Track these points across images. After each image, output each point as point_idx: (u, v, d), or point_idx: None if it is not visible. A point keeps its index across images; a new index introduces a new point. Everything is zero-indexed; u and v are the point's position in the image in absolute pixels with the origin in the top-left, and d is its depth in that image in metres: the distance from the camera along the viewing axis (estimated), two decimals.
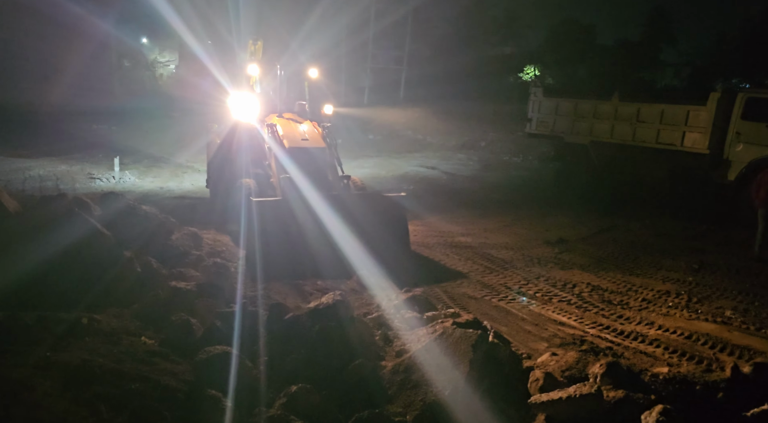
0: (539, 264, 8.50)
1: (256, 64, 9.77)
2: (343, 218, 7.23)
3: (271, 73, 9.95)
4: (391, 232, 7.63)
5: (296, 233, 7.08)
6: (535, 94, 15.16)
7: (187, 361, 3.96)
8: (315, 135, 8.96)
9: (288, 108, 9.86)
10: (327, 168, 8.63)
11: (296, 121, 9.39)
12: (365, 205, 7.64)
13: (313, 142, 8.76)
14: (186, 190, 13.10)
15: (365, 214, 7.39)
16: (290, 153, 8.35)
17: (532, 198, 14.08)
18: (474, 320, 4.61)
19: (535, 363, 4.30)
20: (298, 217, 7.20)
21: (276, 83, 9.92)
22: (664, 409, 3.20)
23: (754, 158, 11.35)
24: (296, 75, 10.29)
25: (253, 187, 8.47)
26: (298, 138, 8.74)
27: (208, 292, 5.62)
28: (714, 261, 8.93)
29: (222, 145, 10.16)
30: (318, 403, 3.30)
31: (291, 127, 9.05)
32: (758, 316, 6.76)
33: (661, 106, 12.66)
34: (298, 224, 7.15)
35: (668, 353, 5.65)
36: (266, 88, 10.14)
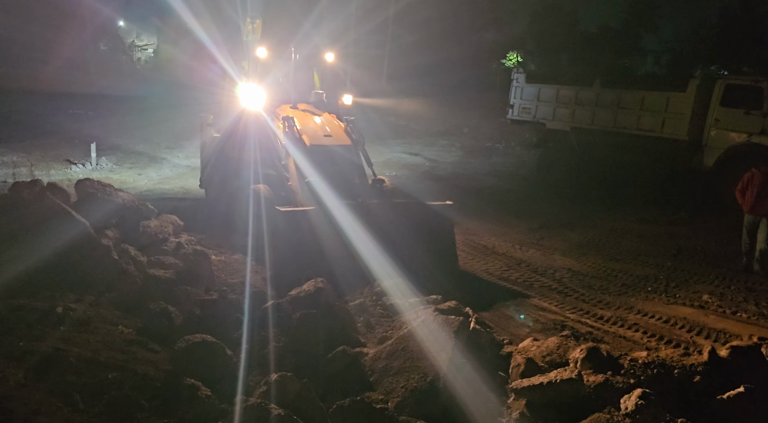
0: (521, 249, 8.55)
1: (264, 47, 8.31)
2: (378, 231, 6.06)
3: (283, 57, 8.55)
4: (435, 247, 6.58)
5: (326, 249, 5.94)
6: (517, 80, 15.16)
7: (165, 350, 3.90)
8: (338, 130, 7.73)
9: (302, 98, 8.53)
10: (354, 170, 7.36)
11: (313, 113, 8.12)
12: (405, 216, 6.46)
13: (338, 139, 7.52)
14: (164, 176, 12.89)
15: (405, 227, 6.25)
16: (311, 152, 7.08)
17: (514, 184, 14.14)
18: (456, 307, 4.61)
19: (517, 348, 4.31)
20: (328, 230, 6.05)
21: (289, 68, 8.52)
22: (643, 393, 3.23)
23: (732, 144, 11.52)
24: (310, 59, 8.93)
25: (268, 194, 7.05)
26: (319, 134, 7.47)
27: (187, 280, 5.55)
28: (692, 246, 9.07)
29: (222, 140, 8.79)
30: (299, 390, 3.27)
31: (310, 121, 7.80)
32: (734, 300, 6.88)
33: (641, 92, 12.76)
34: (328, 238, 6.00)
35: (647, 337, 5.73)
36: (275, 73, 8.76)
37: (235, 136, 8.36)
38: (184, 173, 13.14)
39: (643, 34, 33.14)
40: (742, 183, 8.00)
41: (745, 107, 11.30)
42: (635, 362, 3.68)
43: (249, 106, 8.04)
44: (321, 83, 9.06)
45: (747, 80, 11.90)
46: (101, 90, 23.87)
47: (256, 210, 6.79)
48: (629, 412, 3.19)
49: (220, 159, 8.79)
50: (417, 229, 6.36)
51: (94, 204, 6.04)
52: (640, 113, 12.65)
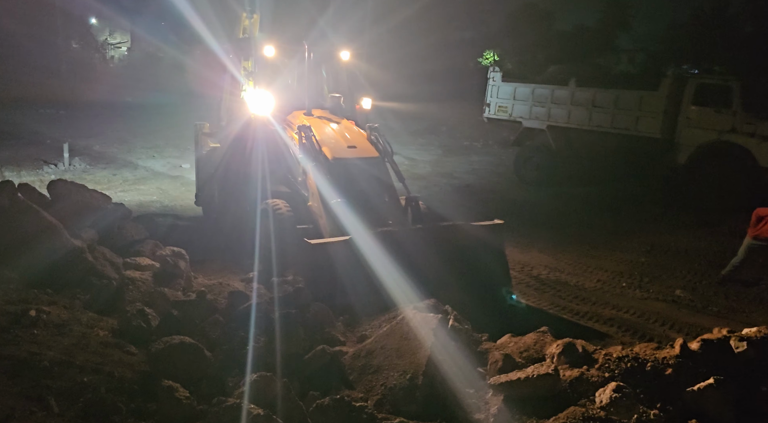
0: None
1: (271, 45, 7.17)
2: (420, 260, 5.23)
3: (295, 56, 7.46)
4: (485, 274, 5.76)
5: (361, 287, 5.00)
6: (494, 79, 15.27)
7: (142, 352, 3.86)
8: (362, 140, 6.75)
9: (316, 103, 7.53)
10: (383, 186, 6.38)
11: (329, 120, 7.14)
12: (449, 240, 5.66)
13: (363, 151, 6.52)
14: (140, 177, 12.71)
15: (449, 252, 5.48)
16: (334, 167, 6.15)
17: (492, 182, 14.26)
18: (435, 304, 4.63)
19: (495, 345, 4.36)
20: (365, 264, 5.10)
21: (303, 69, 7.39)
22: (617, 387, 3.30)
23: (703, 142, 11.78)
24: (325, 59, 7.88)
25: (287, 212, 6.22)
26: (342, 145, 6.49)
27: (164, 281, 5.49)
28: (665, 242, 9.25)
29: (224, 152, 7.76)
30: (278, 390, 3.27)
31: (328, 130, 6.82)
32: (705, 295, 7.05)
33: (615, 91, 12.96)
34: (365, 274, 5.04)
35: (621, 332, 5.84)
36: (286, 75, 7.70)
37: (240, 148, 7.33)
38: (159, 174, 12.97)
39: (618, 33, 33.66)
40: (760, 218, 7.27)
41: (715, 106, 11.57)
42: (610, 356, 3.75)
43: (256, 112, 7.06)
44: (337, 86, 8.06)
45: (717, 79, 12.19)
46: (75, 94, 23.34)
47: (274, 230, 5.96)
48: (604, 405, 3.25)
49: (221, 173, 7.79)
50: (462, 254, 5.60)
51: (67, 205, 5.94)
52: (614, 112, 12.85)
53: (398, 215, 6.15)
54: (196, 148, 8.82)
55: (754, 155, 11.03)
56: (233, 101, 8.06)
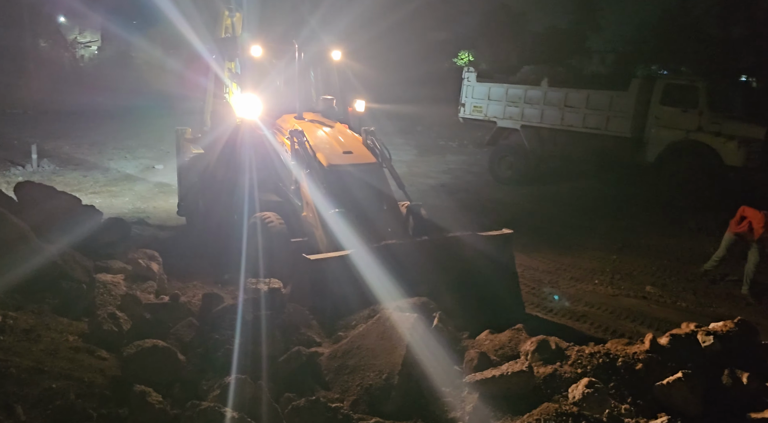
0: None
1: (258, 45, 6.78)
2: (425, 275, 5.01)
3: (285, 57, 7.08)
4: (494, 287, 5.45)
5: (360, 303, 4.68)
6: (468, 79, 15.39)
7: (114, 357, 3.80)
8: (358, 145, 6.44)
9: (307, 105, 7.16)
10: (382, 194, 6.08)
11: (322, 123, 6.81)
12: (456, 253, 5.39)
13: (360, 157, 6.21)
14: (112, 178, 12.48)
15: (456, 266, 5.27)
16: (329, 174, 5.82)
17: (467, 182, 14.36)
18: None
19: (472, 342, 4.39)
20: (367, 279, 4.78)
21: (292, 70, 7.02)
22: (589, 382, 3.36)
23: (671, 141, 12.06)
24: (316, 59, 7.48)
25: (279, 226, 5.85)
26: (337, 151, 6.16)
27: (137, 285, 5.41)
28: (635, 240, 9.44)
29: (209, 159, 7.34)
30: (254, 393, 3.25)
31: (322, 134, 6.48)
32: (674, 291, 7.22)
33: (586, 91, 13.17)
34: (365, 290, 4.73)
35: (594, 328, 5.95)
36: (274, 77, 7.29)
37: (227, 154, 6.93)
38: (132, 175, 12.75)
39: (589, 34, 34.24)
40: (754, 214, 7.22)
41: (682, 106, 11.85)
42: (582, 353, 3.81)
43: (243, 116, 6.66)
44: (328, 87, 7.73)
45: (684, 80, 12.51)
46: (43, 94, 22.77)
47: (264, 245, 5.61)
48: (577, 401, 3.30)
49: (206, 181, 7.43)
50: (468, 266, 5.34)
51: (35, 207, 5.80)
52: (585, 111, 13.06)
53: (398, 226, 5.85)
54: (178, 155, 8.32)
55: (720, 154, 11.34)
56: (218, 104, 7.67)
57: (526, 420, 3.09)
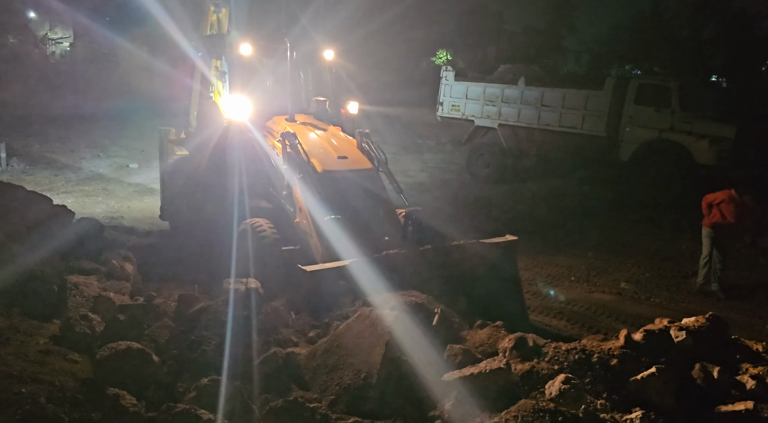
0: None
1: (248, 43, 6.49)
2: (428, 285, 4.80)
3: (275, 55, 6.87)
4: (497, 296, 5.26)
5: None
6: (446, 78, 15.45)
7: (86, 359, 3.72)
8: (353, 150, 6.26)
9: (299, 107, 6.94)
10: (378, 200, 5.89)
11: (315, 126, 6.60)
12: (459, 261, 5.21)
13: (355, 162, 6.02)
14: (83, 177, 12.23)
15: (458, 274, 5.10)
16: (323, 180, 5.59)
17: (444, 180, 14.42)
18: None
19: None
20: (362, 290, 4.58)
21: (284, 70, 6.79)
22: (565, 378, 3.39)
23: (645, 140, 12.27)
24: (309, 59, 7.25)
25: (271, 234, 5.58)
26: (332, 156, 5.95)
27: (110, 286, 5.31)
28: (610, 237, 9.59)
29: (195, 161, 7.05)
30: (230, 394, 3.21)
31: (315, 138, 6.27)
32: (648, 287, 7.35)
33: (562, 90, 13.33)
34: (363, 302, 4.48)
35: (570, 324, 6.02)
36: (264, 77, 7.04)
37: (214, 158, 6.64)
38: (105, 174, 12.51)
39: (565, 34, 34.65)
40: (715, 198, 7.22)
41: (655, 105, 12.07)
42: (559, 349, 3.84)
43: (232, 117, 6.36)
44: (320, 88, 7.49)
45: (657, 80, 12.74)
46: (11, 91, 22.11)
47: (255, 254, 5.36)
48: (553, 397, 3.33)
49: (192, 185, 7.14)
50: (480, 277, 5.18)
51: (3, 207, 5.65)
52: (561, 110, 13.21)
53: (396, 233, 5.64)
54: (161, 157, 7.99)
55: (691, 153, 11.57)
56: (204, 105, 7.36)
57: (504, 417, 3.10)
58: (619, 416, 3.24)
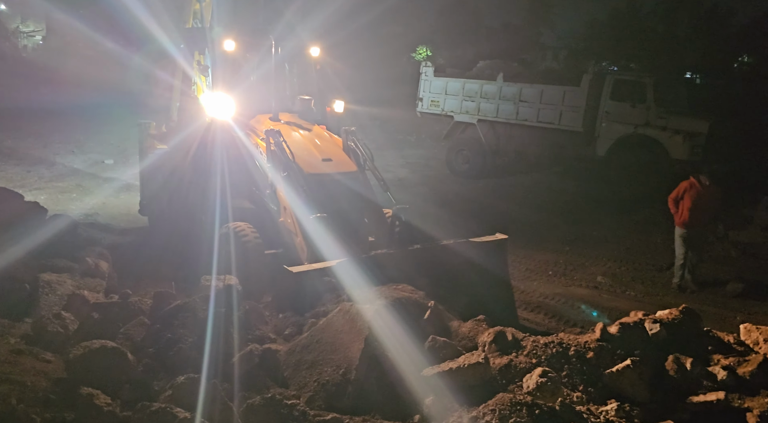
0: None
1: (231, 39, 6.28)
2: (414, 283, 4.66)
3: (261, 52, 6.66)
4: (486, 296, 5.09)
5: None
6: (426, 74, 15.46)
7: (59, 359, 3.65)
8: (338, 151, 6.15)
9: (283, 105, 6.79)
10: (365, 203, 5.83)
11: (299, 126, 6.44)
12: (447, 260, 5.12)
13: (340, 164, 5.91)
14: (57, 174, 11.98)
15: (448, 273, 4.99)
16: (308, 183, 5.48)
17: (424, 175, 14.45)
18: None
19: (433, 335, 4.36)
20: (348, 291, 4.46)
21: (268, 67, 6.60)
22: (543, 372, 3.42)
23: (621, 135, 12.44)
24: (294, 56, 7.07)
25: (254, 238, 5.48)
26: (316, 158, 5.83)
27: (84, 284, 5.22)
28: (587, 231, 9.71)
29: (175, 156, 6.91)
30: (207, 392, 3.17)
31: (299, 138, 6.12)
32: (623, 280, 7.46)
33: (540, 86, 13.43)
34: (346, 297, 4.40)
35: (548, 318, 6.08)
36: (248, 74, 6.84)
37: (196, 156, 6.48)
38: (80, 170, 12.28)
39: (543, 31, 34.93)
40: (678, 192, 7.32)
41: (631, 101, 12.23)
42: (537, 343, 3.88)
43: (214, 116, 6.17)
44: (306, 86, 7.33)
45: (633, 76, 12.89)
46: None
47: (237, 258, 5.20)
48: (531, 390, 3.36)
49: (173, 183, 6.97)
50: (469, 277, 5.10)
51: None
52: (539, 106, 13.32)
53: (383, 233, 5.57)
54: (141, 151, 7.82)
55: (666, 147, 11.76)
56: (186, 100, 7.22)
57: (482, 411, 3.12)
58: (595, 408, 3.29)
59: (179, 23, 7.84)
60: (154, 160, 7.37)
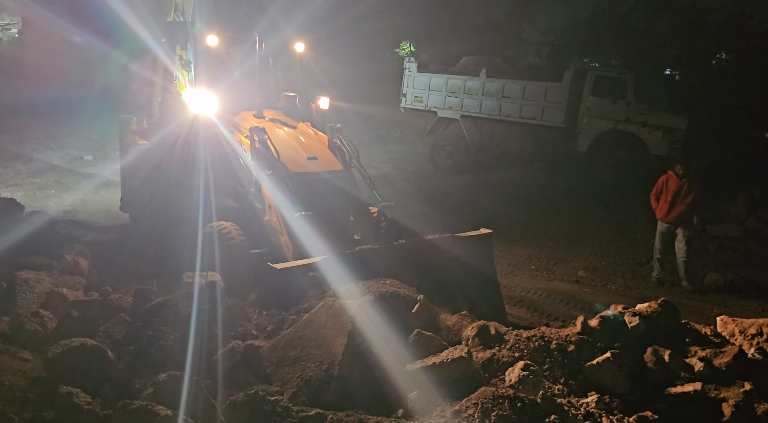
0: None
1: (213, 34, 6.21)
2: (400, 278, 4.64)
3: (244, 48, 6.60)
4: (473, 292, 5.13)
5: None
6: (409, 70, 15.46)
7: (38, 358, 3.59)
8: (324, 149, 6.09)
9: (267, 102, 6.70)
10: (349, 202, 5.79)
11: (284, 123, 6.34)
12: (432, 254, 5.09)
13: (326, 163, 5.84)
14: (34, 170, 11.76)
15: (433, 268, 4.97)
16: (294, 181, 5.42)
17: (407, 171, 14.47)
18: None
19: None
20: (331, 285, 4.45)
21: (252, 63, 6.52)
22: (524, 365, 3.46)
23: (602, 131, 12.58)
24: (279, 51, 6.98)
25: (239, 238, 5.39)
26: (302, 156, 5.77)
27: (63, 282, 5.14)
28: (569, 226, 9.81)
29: (157, 153, 6.80)
30: (189, 389, 3.15)
31: (284, 136, 6.04)
32: (604, 274, 7.55)
33: (523, 82, 13.51)
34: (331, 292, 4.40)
35: (530, 312, 6.14)
36: (231, 70, 6.73)
37: (178, 153, 6.35)
38: (58, 166, 12.07)
39: (525, 27, 35.08)
40: (657, 187, 7.38)
41: (612, 97, 12.37)
42: (520, 337, 3.91)
43: (197, 112, 6.06)
44: (291, 83, 7.23)
45: (614, 72, 13.03)
46: None
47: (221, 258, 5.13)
48: (513, 384, 3.39)
49: (153, 177, 6.88)
50: (456, 272, 5.09)
51: None
52: (522, 102, 13.40)
53: (369, 231, 5.55)
54: (122, 147, 7.65)
55: (646, 143, 11.92)
56: (168, 97, 7.04)
57: (465, 405, 3.14)
58: (576, 400, 3.33)
59: (159, 17, 7.68)
60: (136, 156, 7.26)
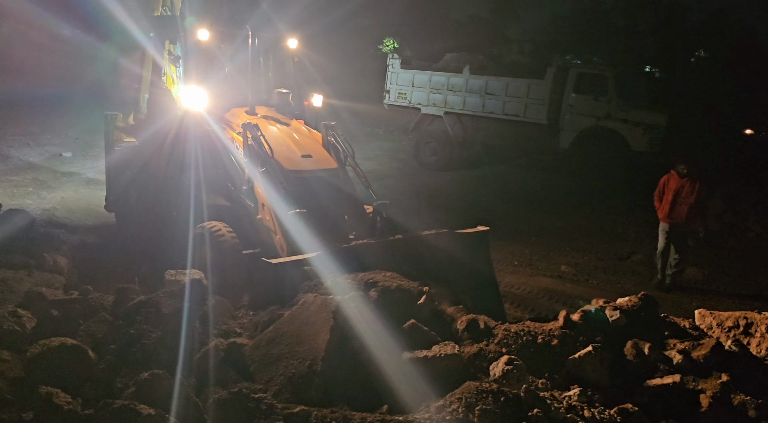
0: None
1: (204, 28, 6.09)
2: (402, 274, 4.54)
3: (236, 43, 6.47)
4: (470, 288, 5.00)
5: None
6: (393, 66, 15.45)
7: (16, 358, 3.53)
8: (318, 148, 5.97)
9: (259, 99, 6.56)
10: (344, 201, 5.64)
11: (277, 120, 6.23)
12: (428, 250, 5.02)
13: (320, 161, 5.74)
14: (11, 167, 11.56)
15: (428, 264, 4.89)
16: (288, 179, 5.29)
17: (392, 168, 14.47)
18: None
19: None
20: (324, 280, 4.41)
21: (244, 59, 6.36)
22: (508, 360, 3.49)
23: (584, 127, 12.71)
24: (271, 47, 6.89)
25: (231, 238, 5.26)
26: (296, 154, 5.65)
27: (43, 281, 5.06)
28: (551, 222, 9.90)
29: (144, 151, 6.66)
30: (172, 387, 3.13)
31: (277, 134, 5.92)
32: (586, 269, 7.64)
33: (506, 79, 13.58)
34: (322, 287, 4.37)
35: (514, 307, 6.19)
36: (222, 65, 6.59)
37: (167, 150, 6.20)
38: (36, 164, 11.87)
39: (508, 24, 35.23)
40: (659, 187, 7.24)
41: (593, 94, 12.49)
42: (508, 331, 3.94)
43: (188, 108, 5.94)
44: (283, 79, 7.10)
45: (595, 69, 13.17)
46: None
47: (213, 259, 5.05)
48: (497, 378, 3.42)
49: (141, 175, 6.75)
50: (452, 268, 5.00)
51: None
52: (505, 99, 13.48)
53: (364, 229, 5.42)
54: (107, 144, 7.45)
55: (626, 139, 12.07)
56: (156, 93, 6.90)
57: (449, 400, 3.16)
58: (559, 394, 3.37)
59: (147, 10, 7.49)
60: (123, 154, 7.08)
